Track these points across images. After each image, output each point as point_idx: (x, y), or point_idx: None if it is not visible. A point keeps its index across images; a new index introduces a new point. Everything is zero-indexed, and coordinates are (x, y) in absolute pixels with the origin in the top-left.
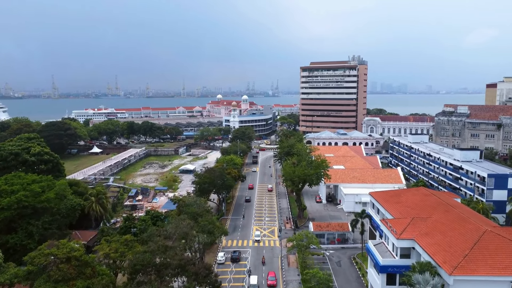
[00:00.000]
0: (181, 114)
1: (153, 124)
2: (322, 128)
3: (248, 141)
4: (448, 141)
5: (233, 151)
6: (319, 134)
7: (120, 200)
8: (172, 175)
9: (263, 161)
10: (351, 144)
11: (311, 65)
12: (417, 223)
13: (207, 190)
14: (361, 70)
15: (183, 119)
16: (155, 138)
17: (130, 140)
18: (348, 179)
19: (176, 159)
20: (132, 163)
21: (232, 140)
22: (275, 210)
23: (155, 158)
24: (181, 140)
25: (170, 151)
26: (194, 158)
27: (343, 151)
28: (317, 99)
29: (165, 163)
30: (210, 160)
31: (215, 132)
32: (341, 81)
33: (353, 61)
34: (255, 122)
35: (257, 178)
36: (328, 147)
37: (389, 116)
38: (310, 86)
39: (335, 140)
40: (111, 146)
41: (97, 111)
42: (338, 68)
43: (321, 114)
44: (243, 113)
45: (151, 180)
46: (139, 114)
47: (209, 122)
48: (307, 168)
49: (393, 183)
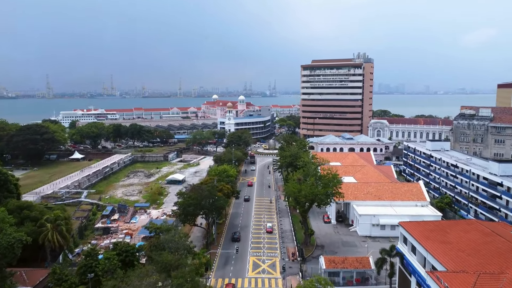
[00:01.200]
0: (175, 115)
1: (141, 127)
2: (325, 131)
3: (244, 146)
4: (469, 148)
5: (227, 159)
6: (322, 138)
7: (91, 220)
8: (158, 186)
9: (261, 168)
10: (358, 150)
11: (312, 63)
12: (486, 283)
13: (192, 213)
14: (366, 68)
15: (176, 121)
16: (144, 142)
17: (117, 144)
18: (362, 196)
19: (165, 166)
20: (115, 171)
21: (227, 145)
22: (276, 234)
23: (141, 165)
24: (173, 144)
25: (159, 157)
26: (185, 165)
27: (351, 158)
28: (319, 100)
29: (152, 171)
30: (202, 167)
31: (208, 136)
32: (345, 81)
33: (358, 59)
34: (252, 124)
35: (254, 189)
36: (333, 154)
37: (397, 118)
38: (311, 86)
39: (340, 145)
40: (95, 151)
41: (86, 112)
42: (342, 67)
43: (323, 116)
44: (239, 114)
45: (133, 192)
46: (131, 115)
47: (203, 124)
48: (315, 187)
49: (415, 200)
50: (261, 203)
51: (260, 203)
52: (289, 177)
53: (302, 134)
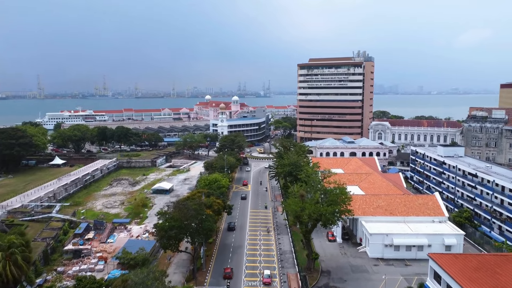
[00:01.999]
0: (166, 116)
1: (128, 129)
2: (323, 134)
3: (238, 150)
4: (481, 153)
5: (219, 165)
6: (321, 142)
7: (61, 241)
8: (143, 196)
9: (256, 175)
10: (359, 154)
11: (310, 62)
12: None
13: (175, 238)
14: (367, 67)
15: (167, 122)
16: (132, 145)
17: (103, 148)
18: (371, 210)
19: (152, 173)
20: (98, 178)
21: (220, 150)
22: (274, 257)
23: (127, 171)
24: (162, 147)
25: (146, 163)
26: (174, 171)
27: (354, 165)
28: (317, 101)
29: (138, 178)
30: (192, 174)
31: (200, 139)
32: (344, 80)
33: (358, 57)
34: (246, 126)
35: (248, 200)
36: (334, 160)
37: (400, 120)
38: (309, 86)
39: (341, 149)
40: (78, 156)
41: (73, 114)
42: (341, 66)
43: (321, 118)
44: (233, 115)
45: (115, 204)
46: (121, 117)
47: (195, 126)
48: (322, 205)
49: (432, 215)
50: (257, 217)
51: (256, 217)
52: (289, 190)
53: (299, 137)
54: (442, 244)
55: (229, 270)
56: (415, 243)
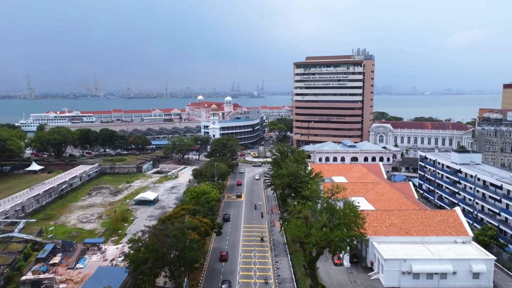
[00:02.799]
0: (157, 117)
1: (113, 132)
2: (320, 137)
3: (231, 155)
4: (496, 158)
5: (209, 174)
6: (320, 146)
7: (20, 268)
8: (124, 208)
9: (250, 181)
10: (361, 159)
11: (307, 60)
12: None
13: (149, 273)
14: (367, 66)
15: (157, 124)
16: (117, 149)
17: (86, 151)
18: (384, 229)
19: (137, 180)
20: (77, 187)
21: (211, 154)
22: (271, 286)
23: (110, 178)
24: (150, 151)
25: (131, 168)
26: (161, 177)
27: (358, 172)
28: (315, 102)
29: (121, 186)
30: (181, 181)
31: (189, 143)
32: (344, 80)
33: (357, 55)
34: (240, 128)
35: (242, 213)
36: (335, 166)
37: (402, 122)
38: (306, 86)
39: (341, 154)
40: (59, 161)
41: (59, 115)
42: (340, 64)
43: (319, 119)
44: (226, 116)
45: (92, 217)
46: (109, 117)
47: (186, 128)
48: (332, 230)
49: (454, 234)
50: (251, 234)
51: (250, 234)
52: (290, 208)
53: (295, 140)
54: (469, 271)
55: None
56: (438, 270)
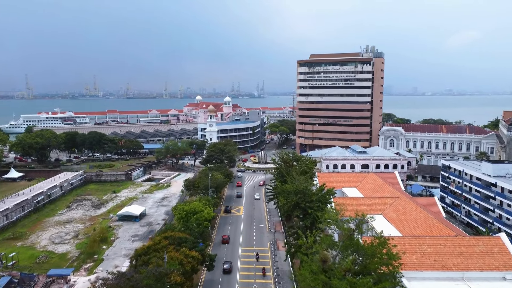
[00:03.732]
0: (154, 118)
1: (102, 135)
2: (326, 140)
3: (228, 163)
4: None
5: (202, 185)
6: (327, 152)
7: None
8: (105, 226)
9: (249, 192)
10: (373, 166)
11: (311, 58)
12: None
13: None
14: (377, 64)
15: (152, 126)
16: (107, 153)
17: (74, 156)
18: (414, 261)
19: (125, 189)
20: (56, 198)
21: (206, 161)
22: None
23: (95, 186)
24: (143, 155)
25: (119, 176)
26: (151, 186)
27: (371, 182)
28: (320, 103)
29: (106, 197)
30: (173, 190)
31: (184, 147)
32: (351, 79)
33: (366, 53)
34: (239, 131)
35: (240, 231)
36: (345, 175)
37: (414, 125)
38: (310, 86)
39: (350, 161)
40: (42, 167)
41: (51, 116)
42: (347, 62)
43: (324, 122)
44: (225, 118)
45: (67, 237)
46: (104, 119)
47: (182, 130)
48: (357, 276)
49: (502, 269)
50: (250, 259)
51: (249, 259)
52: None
53: (298, 143)
54: None
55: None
56: None
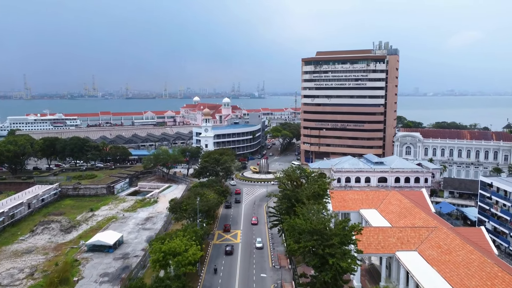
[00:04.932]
0: (149, 120)
1: (84, 141)
2: (334, 147)
3: (225, 175)
4: None
5: (191, 208)
6: (338, 162)
7: None
8: (70, 259)
9: (248, 211)
10: (391, 180)
11: (318, 56)
12: None
13: None
14: (391, 62)
15: (145, 129)
16: (93, 161)
17: (56, 164)
18: None
19: (105, 205)
20: (21, 218)
21: (199, 173)
22: None
23: (72, 202)
24: (132, 163)
25: (100, 189)
26: (136, 202)
27: (395, 202)
28: (327, 105)
29: (80, 217)
30: (160, 208)
31: (176, 156)
32: (363, 79)
33: (379, 49)
34: (238, 136)
35: (236, 264)
36: (361, 194)
37: (434, 131)
38: (316, 86)
39: (365, 173)
40: (15, 178)
41: (40, 117)
42: (358, 60)
43: (332, 126)
44: (223, 120)
45: (20, 275)
46: (97, 120)
47: (177, 134)
48: None
49: None
50: None
51: None
52: None
53: (303, 150)
54: None
55: None
56: None
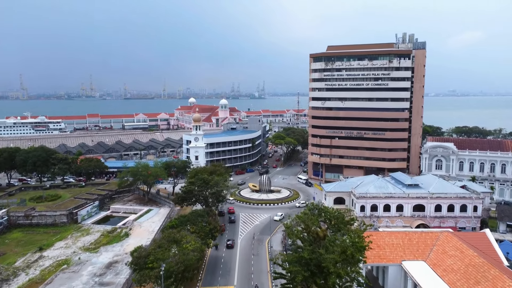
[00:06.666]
0: (140, 123)
1: (50, 152)
2: (348, 159)
3: (215, 201)
4: None
5: (159, 266)
6: (360, 183)
7: None
8: None
9: (246, 251)
10: (431, 208)
11: (329, 51)
12: None
13: None
14: (418, 58)
15: (131, 134)
16: (64, 175)
17: (19, 178)
18: None
19: (61, 240)
20: None
21: (182, 199)
22: None
23: (20, 235)
24: (109, 178)
25: (59, 217)
26: (103, 235)
27: (454, 253)
28: (341, 109)
29: (22, 261)
30: (130, 246)
31: (158, 172)
32: (384, 78)
33: (403, 43)
34: (235, 144)
35: None
36: (400, 237)
37: (471, 140)
38: (328, 87)
39: (397, 199)
40: None
41: (20, 120)
42: (379, 56)
43: (347, 135)
44: (220, 124)
45: None
46: (84, 124)
47: (167, 141)
48: None
49: None
50: None
51: None
52: None
53: (311, 162)
54: None
55: None
56: None
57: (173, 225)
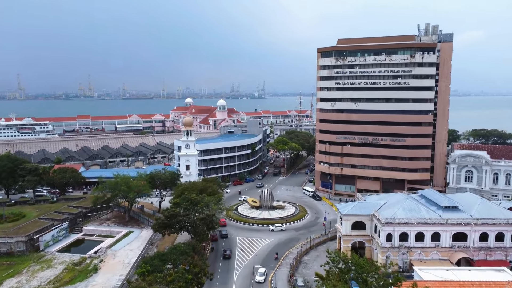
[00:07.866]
0: (134, 124)
1: (19, 162)
2: (362, 169)
3: (205, 228)
4: None
5: None
6: (384, 204)
7: None
8: None
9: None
10: (475, 237)
11: (340, 45)
12: None
13: None
14: (444, 52)
15: (121, 138)
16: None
17: None
18: None
19: (15, 276)
20: None
21: (165, 226)
22: None
23: None
24: (89, 189)
25: (17, 244)
26: (66, 269)
27: None
28: (353, 112)
29: None
30: (98, 285)
31: (140, 187)
32: (405, 76)
33: (426, 35)
34: (233, 150)
35: None
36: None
37: (505, 148)
38: (338, 86)
39: (432, 226)
40: None
41: (4, 122)
42: (398, 50)
43: (361, 141)
44: (218, 126)
45: None
46: (74, 126)
47: (158, 146)
48: None
49: None
50: None
51: None
52: None
53: (318, 172)
54: None
55: None
56: None
57: (144, 272)
